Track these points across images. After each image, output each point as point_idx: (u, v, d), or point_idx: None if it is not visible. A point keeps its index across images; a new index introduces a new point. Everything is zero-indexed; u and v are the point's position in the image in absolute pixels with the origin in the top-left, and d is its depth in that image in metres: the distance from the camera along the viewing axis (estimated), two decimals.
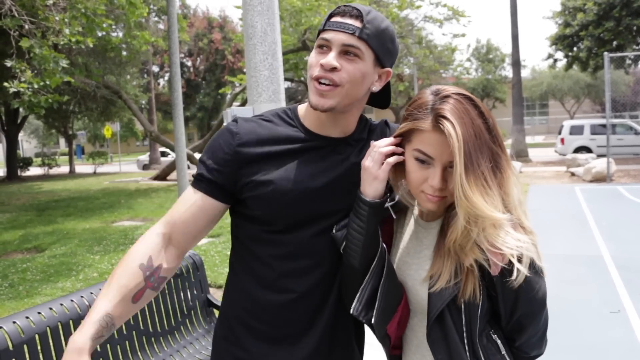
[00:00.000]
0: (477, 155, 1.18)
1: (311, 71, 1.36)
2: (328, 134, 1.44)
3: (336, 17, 1.35)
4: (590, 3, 21.80)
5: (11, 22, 7.30)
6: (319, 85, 1.34)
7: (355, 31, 1.32)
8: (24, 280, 6.56)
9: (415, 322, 1.40)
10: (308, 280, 1.41)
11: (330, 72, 1.32)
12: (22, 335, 2.22)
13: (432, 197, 1.27)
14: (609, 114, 14.51)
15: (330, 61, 1.32)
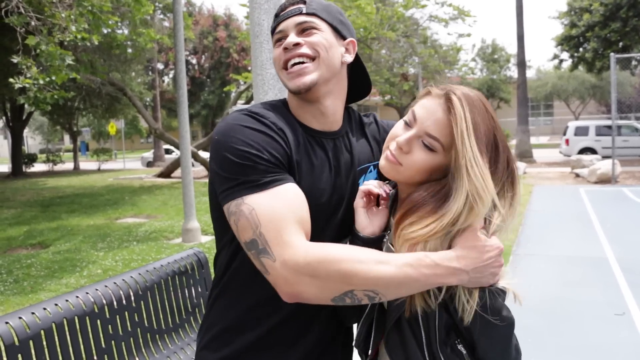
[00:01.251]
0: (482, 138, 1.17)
1: (278, 64, 1.32)
2: (323, 129, 1.37)
3: (284, 11, 1.35)
4: (596, 4, 21.74)
5: (18, 19, 7.32)
6: (291, 70, 1.28)
7: (301, 10, 1.32)
8: (28, 276, 6.58)
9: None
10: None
11: (295, 49, 1.28)
12: (28, 331, 2.23)
13: (390, 154, 1.25)
14: (615, 115, 14.46)
15: (290, 40, 1.29)
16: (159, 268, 3.08)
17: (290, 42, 1.28)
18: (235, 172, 1.18)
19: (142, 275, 2.93)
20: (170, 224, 9.93)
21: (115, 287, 2.73)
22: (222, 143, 1.20)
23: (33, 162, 27.55)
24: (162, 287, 3.04)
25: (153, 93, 27.36)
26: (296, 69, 1.28)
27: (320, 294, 1.12)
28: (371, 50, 17.07)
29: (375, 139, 1.50)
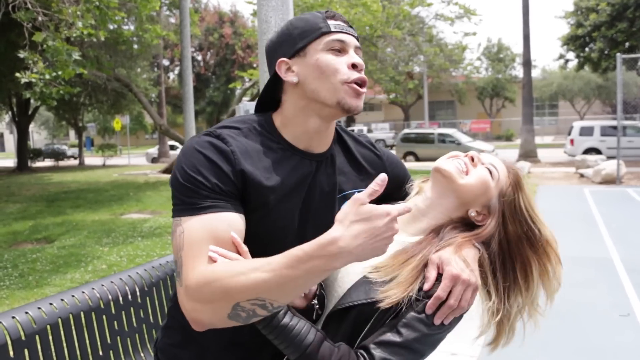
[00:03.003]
0: None
1: (341, 75, 1.27)
2: (310, 149, 1.35)
3: (332, 20, 1.32)
4: (603, 4, 21.66)
5: (25, 15, 7.34)
6: (358, 88, 1.28)
7: (354, 32, 1.35)
8: (33, 271, 6.60)
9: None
10: None
11: (362, 72, 1.30)
12: (34, 326, 2.24)
13: (460, 162, 1.37)
14: (620, 115, 14.41)
15: (360, 60, 1.30)
16: (164, 264, 3.09)
17: (362, 64, 1.30)
18: (180, 192, 1.21)
19: (147, 272, 2.93)
20: None
21: (121, 283, 2.74)
22: (178, 163, 1.25)
23: (38, 157, 27.64)
24: (167, 283, 3.05)
25: (158, 89, 27.40)
26: (361, 91, 1.29)
27: (214, 316, 1.12)
28: (377, 48, 17.05)
29: (368, 169, 1.47)
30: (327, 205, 1.37)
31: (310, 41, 1.30)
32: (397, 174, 1.53)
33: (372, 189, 1.07)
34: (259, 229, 1.27)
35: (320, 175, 1.36)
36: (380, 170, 1.38)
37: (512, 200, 1.35)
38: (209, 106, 38.28)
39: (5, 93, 20.46)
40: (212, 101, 37.86)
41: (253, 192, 1.25)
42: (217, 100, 37.58)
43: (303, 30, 1.31)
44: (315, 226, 1.30)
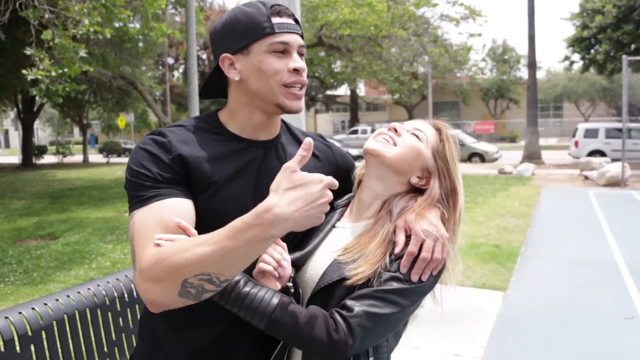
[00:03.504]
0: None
1: (280, 77, 1.30)
2: (256, 138, 1.40)
3: (277, 18, 1.31)
4: (609, 5, 21.58)
5: (33, 13, 7.36)
6: (296, 91, 1.33)
7: (299, 30, 1.35)
8: (38, 267, 6.63)
9: None
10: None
11: (303, 75, 1.33)
12: (41, 322, 2.25)
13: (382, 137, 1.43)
14: (626, 117, 14.38)
15: (302, 64, 1.33)
16: None
17: (303, 67, 1.32)
18: (130, 189, 1.27)
19: None
20: None
21: (127, 280, 2.74)
22: (128, 162, 1.30)
23: (43, 154, 27.71)
24: None
25: (163, 87, 27.40)
26: (299, 93, 1.34)
27: (165, 295, 1.14)
28: (382, 48, 17.04)
29: (320, 156, 1.52)
30: None
31: (253, 41, 1.30)
32: (347, 164, 1.59)
33: (300, 155, 1.10)
34: (210, 210, 1.29)
35: (271, 160, 1.40)
36: (330, 159, 1.53)
37: (444, 154, 1.42)
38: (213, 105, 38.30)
39: (11, 90, 20.52)
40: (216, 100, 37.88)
41: (196, 173, 1.29)
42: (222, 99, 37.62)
43: (246, 28, 1.30)
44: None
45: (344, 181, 1.52)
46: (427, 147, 1.41)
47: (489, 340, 4.26)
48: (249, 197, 1.34)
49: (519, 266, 6.37)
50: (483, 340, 4.23)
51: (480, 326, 4.52)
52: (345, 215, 1.49)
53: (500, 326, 4.55)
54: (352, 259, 1.28)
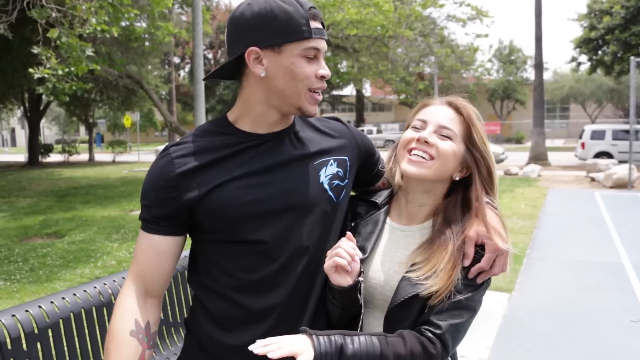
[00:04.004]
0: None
1: (308, 82, 1.32)
2: (270, 131, 1.40)
3: (313, 22, 1.31)
4: (617, 6, 21.49)
5: (40, 13, 7.38)
6: (317, 96, 1.36)
7: (326, 35, 1.37)
8: (44, 265, 6.65)
9: (371, 320, 1.42)
10: (282, 289, 1.36)
11: (324, 82, 1.36)
12: (47, 320, 2.25)
13: (413, 157, 1.37)
14: (633, 119, 14.30)
15: (329, 72, 1.35)
16: None
17: (329, 75, 1.35)
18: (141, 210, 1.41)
19: None
20: None
21: None
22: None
23: (49, 152, 27.80)
24: (178, 280, 3.06)
25: (169, 87, 27.47)
26: (319, 98, 1.38)
27: None
28: (388, 48, 17.02)
29: (336, 135, 1.52)
30: (300, 174, 1.39)
31: (288, 41, 1.28)
32: (367, 144, 1.58)
33: None
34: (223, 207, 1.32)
35: (283, 149, 1.40)
36: (348, 138, 1.53)
37: (475, 141, 1.41)
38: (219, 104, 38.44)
39: (18, 88, 20.60)
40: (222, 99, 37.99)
41: (199, 180, 1.32)
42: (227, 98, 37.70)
43: (283, 27, 1.27)
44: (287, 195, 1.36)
45: (367, 158, 1.57)
46: (459, 142, 1.39)
47: (495, 341, 4.24)
48: (262, 189, 1.35)
49: (524, 268, 6.34)
50: (488, 342, 4.22)
51: (486, 328, 4.50)
52: (393, 215, 1.50)
53: (505, 328, 4.54)
54: (425, 276, 1.31)
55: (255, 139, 1.38)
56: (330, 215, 1.42)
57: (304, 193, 1.37)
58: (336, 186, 1.44)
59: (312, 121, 1.51)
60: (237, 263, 1.36)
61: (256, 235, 1.34)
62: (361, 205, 1.55)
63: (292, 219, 1.36)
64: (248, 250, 1.35)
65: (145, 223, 1.37)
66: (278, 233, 1.35)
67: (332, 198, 1.42)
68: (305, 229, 1.37)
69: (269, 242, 1.34)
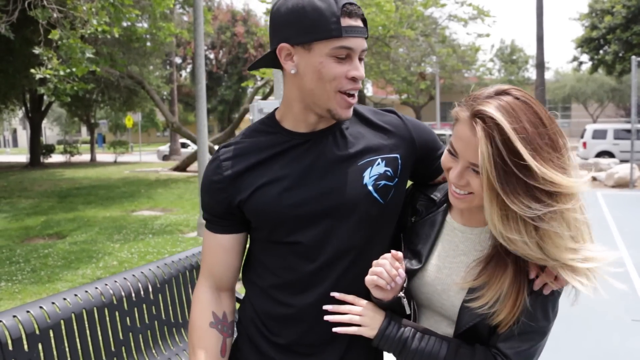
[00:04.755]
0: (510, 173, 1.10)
1: (337, 84, 1.27)
2: (313, 129, 1.38)
3: (347, 19, 1.24)
4: (619, 6, 21.46)
5: (42, 13, 7.39)
6: (350, 99, 1.30)
7: (365, 33, 1.29)
8: (45, 266, 6.65)
9: (432, 323, 1.38)
10: (321, 289, 1.37)
11: (359, 82, 1.30)
12: (48, 321, 2.25)
13: (453, 192, 1.26)
14: (634, 118, 14.28)
15: (362, 73, 1.29)
16: (176, 261, 3.10)
17: (362, 76, 1.29)
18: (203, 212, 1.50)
19: (160, 269, 2.94)
20: (186, 217, 9.99)
21: (134, 280, 2.74)
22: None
23: (51, 152, 27.82)
24: (179, 280, 3.05)
25: (170, 87, 27.51)
26: (352, 101, 1.32)
27: None
28: (389, 48, 17.01)
29: (390, 129, 1.44)
30: (343, 172, 1.36)
31: (317, 39, 1.25)
32: (426, 139, 1.47)
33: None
34: (265, 207, 1.35)
35: (327, 148, 1.37)
36: (403, 133, 1.44)
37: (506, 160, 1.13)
38: (220, 105, 38.40)
39: (20, 89, 20.62)
40: (223, 100, 37.96)
41: (245, 181, 1.36)
42: (229, 98, 37.67)
43: (313, 24, 1.24)
44: (328, 196, 1.34)
45: (425, 155, 1.47)
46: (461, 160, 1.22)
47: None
48: (301, 191, 1.34)
49: None
50: None
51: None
52: (454, 212, 1.39)
53: None
54: (488, 305, 1.21)
55: (298, 138, 1.37)
56: (376, 216, 1.38)
57: (343, 195, 1.34)
58: (383, 187, 1.38)
59: (366, 114, 1.45)
60: (279, 262, 1.39)
61: (294, 237, 1.35)
62: (422, 200, 1.46)
63: (331, 221, 1.34)
64: (287, 251, 1.37)
65: (208, 223, 1.45)
66: (316, 235, 1.34)
67: (377, 199, 1.37)
68: (346, 231, 1.35)
69: (306, 244, 1.35)
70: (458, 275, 1.30)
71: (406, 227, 1.45)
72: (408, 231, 1.43)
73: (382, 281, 1.26)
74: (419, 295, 1.38)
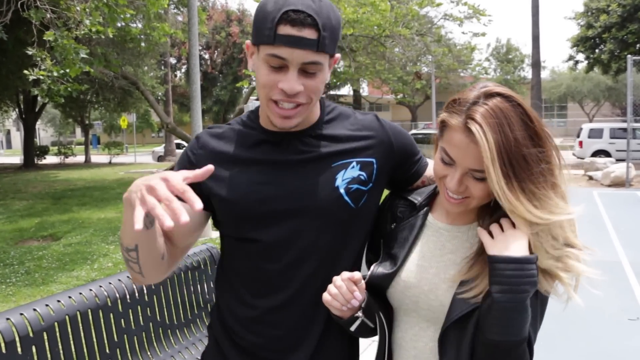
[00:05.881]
0: (516, 162, 1.13)
1: (267, 92, 1.22)
2: (282, 129, 1.32)
3: (286, 28, 1.15)
4: (614, 5, 21.54)
5: (36, 14, 7.35)
6: (281, 110, 1.23)
7: (313, 46, 1.17)
8: (39, 268, 6.61)
9: (417, 331, 1.33)
10: (286, 291, 1.33)
11: (293, 96, 1.21)
12: (42, 323, 2.23)
13: (448, 197, 1.24)
14: (630, 117, 14.32)
15: (293, 87, 1.19)
16: None
17: (292, 89, 1.19)
18: None
19: None
20: None
21: (128, 281, 2.72)
22: None
23: (45, 154, 27.73)
24: (174, 282, 3.03)
25: (165, 87, 27.47)
26: (286, 113, 1.23)
27: None
28: (385, 48, 17.01)
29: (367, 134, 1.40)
30: (316, 173, 1.32)
31: (257, 42, 1.22)
32: (404, 142, 1.44)
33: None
34: (225, 199, 1.31)
35: (295, 150, 1.33)
36: (381, 137, 1.40)
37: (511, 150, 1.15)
38: (215, 105, 38.34)
39: (13, 90, 20.55)
40: (218, 100, 37.90)
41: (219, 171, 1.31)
42: (224, 99, 37.62)
43: (257, 27, 1.21)
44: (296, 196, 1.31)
45: (403, 159, 1.43)
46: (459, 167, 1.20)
47: None
48: (270, 188, 1.31)
49: None
50: None
51: None
52: (437, 213, 1.36)
53: None
54: (483, 294, 1.20)
55: (272, 136, 1.34)
56: (346, 221, 1.33)
57: (313, 196, 1.30)
58: (355, 190, 1.33)
59: (344, 116, 1.41)
60: (245, 261, 1.36)
61: (258, 235, 1.31)
62: (402, 207, 1.42)
63: (298, 221, 1.30)
64: (252, 249, 1.33)
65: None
66: (281, 234, 1.31)
67: (348, 203, 1.32)
68: (313, 234, 1.31)
69: (270, 243, 1.31)
70: (446, 273, 1.28)
71: (386, 234, 1.41)
72: (387, 237, 1.40)
73: (337, 303, 1.25)
74: (403, 300, 1.32)
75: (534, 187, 1.17)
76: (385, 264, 1.35)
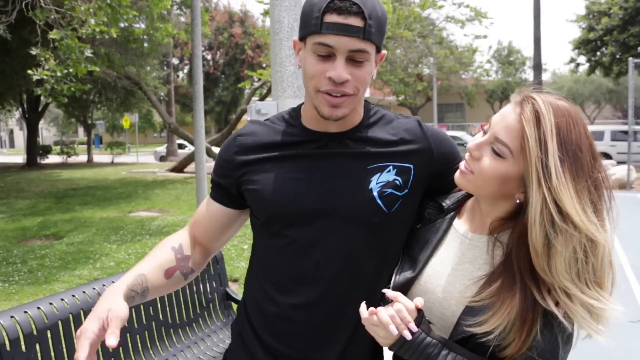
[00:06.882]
0: (572, 155, 1.08)
1: (315, 82, 1.23)
2: (326, 130, 1.34)
3: (332, 16, 1.17)
4: (615, 7, 21.52)
5: (41, 14, 7.38)
6: (331, 98, 1.23)
7: (359, 33, 1.18)
8: (42, 267, 6.64)
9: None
10: (316, 288, 1.32)
11: (341, 85, 1.21)
12: (46, 321, 2.25)
13: (463, 164, 1.23)
14: (631, 120, 14.32)
15: (341, 74, 1.19)
16: None
17: (340, 77, 1.20)
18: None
19: None
20: (183, 218, 9.98)
21: None
22: None
23: (47, 153, 27.76)
24: None
25: (168, 88, 27.47)
26: (335, 101, 1.24)
27: None
28: (387, 49, 17.03)
29: (408, 139, 1.38)
30: (350, 174, 1.32)
31: (305, 34, 1.24)
32: (444, 151, 1.41)
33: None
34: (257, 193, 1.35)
35: (333, 152, 1.33)
36: (422, 143, 1.38)
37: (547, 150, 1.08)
38: (217, 105, 38.40)
39: (17, 90, 20.58)
40: (221, 100, 37.96)
41: (255, 167, 1.36)
42: (226, 99, 37.68)
43: (304, 19, 1.24)
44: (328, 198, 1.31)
45: (443, 168, 1.39)
46: (514, 158, 1.13)
47: None
48: (303, 187, 1.31)
49: None
50: None
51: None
52: (464, 220, 1.32)
53: None
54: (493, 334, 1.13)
55: (312, 135, 1.35)
56: (377, 225, 1.31)
57: (345, 197, 1.30)
58: (389, 195, 1.31)
59: (385, 119, 1.41)
60: (274, 256, 1.37)
61: (289, 232, 1.33)
62: (430, 208, 1.39)
63: (328, 220, 1.30)
64: (282, 245, 1.34)
65: (211, 184, 1.47)
66: (311, 233, 1.31)
67: (380, 207, 1.30)
68: (342, 235, 1.30)
69: (298, 240, 1.32)
70: (462, 284, 1.23)
71: (410, 234, 1.39)
72: (410, 237, 1.37)
73: (393, 327, 1.13)
74: (421, 293, 1.30)
75: (581, 191, 1.09)
76: (406, 267, 1.33)
